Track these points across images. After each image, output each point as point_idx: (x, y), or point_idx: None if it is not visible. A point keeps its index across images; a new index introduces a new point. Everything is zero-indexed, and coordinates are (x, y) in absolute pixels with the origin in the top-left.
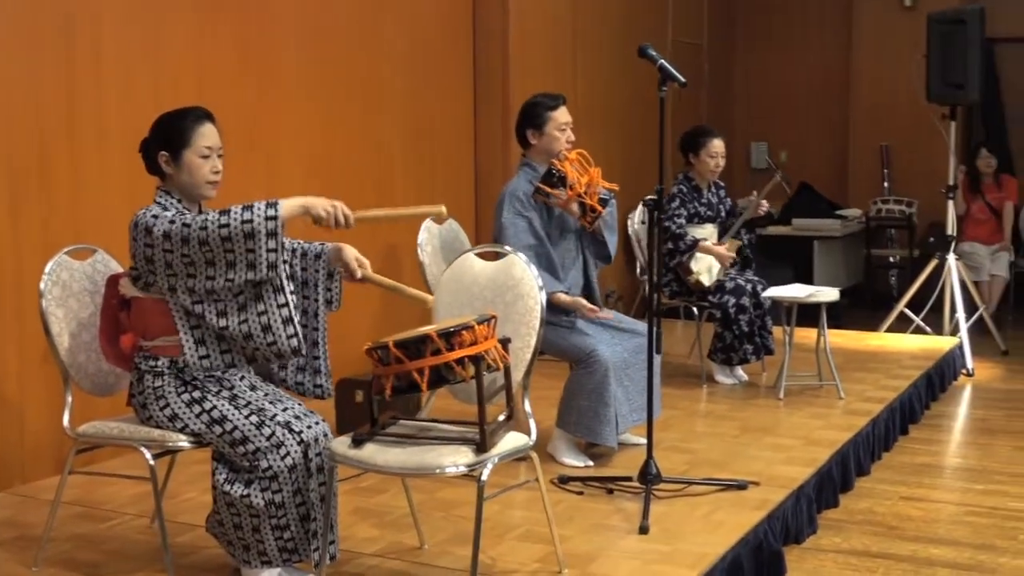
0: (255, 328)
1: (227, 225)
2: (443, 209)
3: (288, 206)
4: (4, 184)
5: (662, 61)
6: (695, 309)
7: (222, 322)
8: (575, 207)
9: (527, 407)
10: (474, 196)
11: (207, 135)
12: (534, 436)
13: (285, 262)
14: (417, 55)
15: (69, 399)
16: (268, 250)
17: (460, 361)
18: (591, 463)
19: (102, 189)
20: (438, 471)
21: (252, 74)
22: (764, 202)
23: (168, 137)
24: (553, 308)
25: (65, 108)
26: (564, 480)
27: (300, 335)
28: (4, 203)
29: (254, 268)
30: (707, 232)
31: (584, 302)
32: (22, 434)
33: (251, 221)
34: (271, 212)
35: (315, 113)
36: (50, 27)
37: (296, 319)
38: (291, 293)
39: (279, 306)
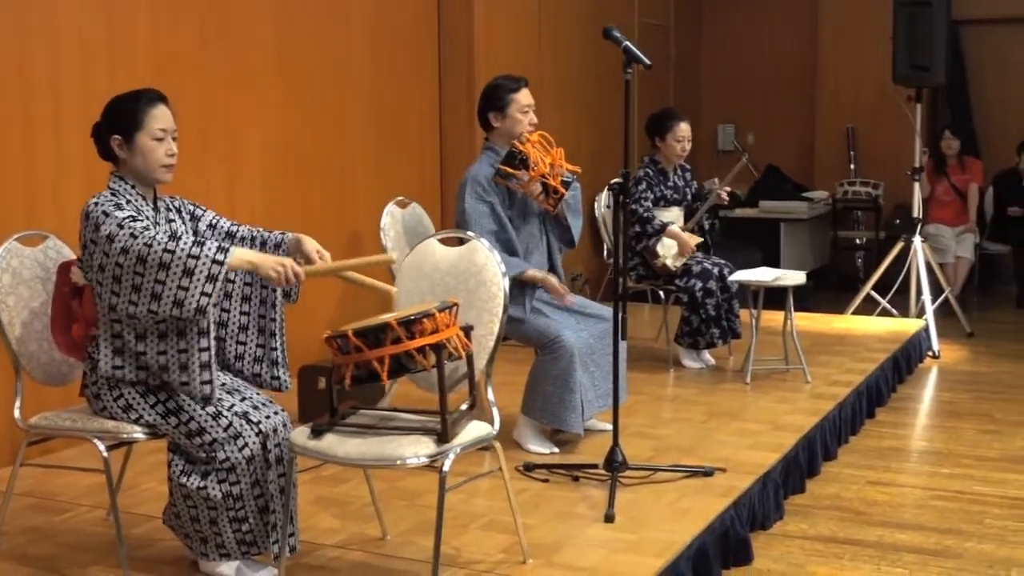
0: (172, 363)
1: (172, 252)
2: (394, 256)
3: (238, 257)
4: None
5: (627, 43)
6: (662, 293)
7: (140, 347)
8: (537, 188)
9: (490, 395)
10: (439, 180)
11: (160, 117)
12: (497, 425)
13: (229, 288)
14: (381, 37)
15: (20, 390)
16: (202, 293)
17: (421, 350)
18: (557, 450)
19: (58, 174)
20: (399, 462)
21: (213, 56)
22: (725, 191)
23: (120, 120)
24: (516, 296)
25: (17, 90)
26: (529, 467)
27: (215, 383)
28: None
29: (181, 306)
30: (673, 215)
31: (554, 281)
32: None
33: (197, 257)
34: (219, 257)
35: (277, 97)
36: (2, 5)
37: (215, 366)
38: (215, 339)
39: (200, 349)
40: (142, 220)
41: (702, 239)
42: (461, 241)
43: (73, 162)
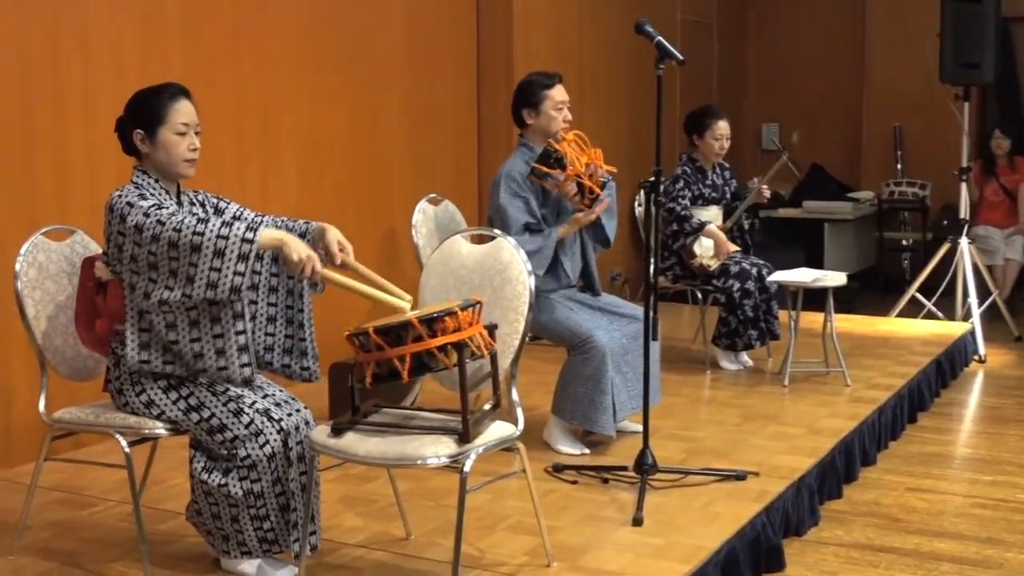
0: (208, 349)
1: (202, 234)
2: (408, 301)
3: (267, 236)
4: None
5: (659, 38)
6: (699, 293)
7: (171, 335)
8: (572, 188)
9: (514, 395)
10: (476, 177)
11: (183, 111)
12: (521, 426)
13: (256, 279)
14: (419, 34)
15: (45, 384)
16: (235, 273)
17: (443, 348)
18: (587, 451)
19: (89, 169)
20: (419, 462)
21: (247, 51)
22: (765, 187)
23: (143, 114)
24: (552, 288)
25: (50, 84)
26: (558, 469)
27: (255, 365)
28: None
29: (215, 288)
30: (711, 214)
31: (580, 213)
32: (9, 417)
33: (227, 238)
34: (249, 236)
35: (312, 93)
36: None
37: (254, 348)
38: (250, 320)
39: (237, 333)
40: (167, 207)
41: (739, 248)
42: (489, 238)
43: (104, 157)
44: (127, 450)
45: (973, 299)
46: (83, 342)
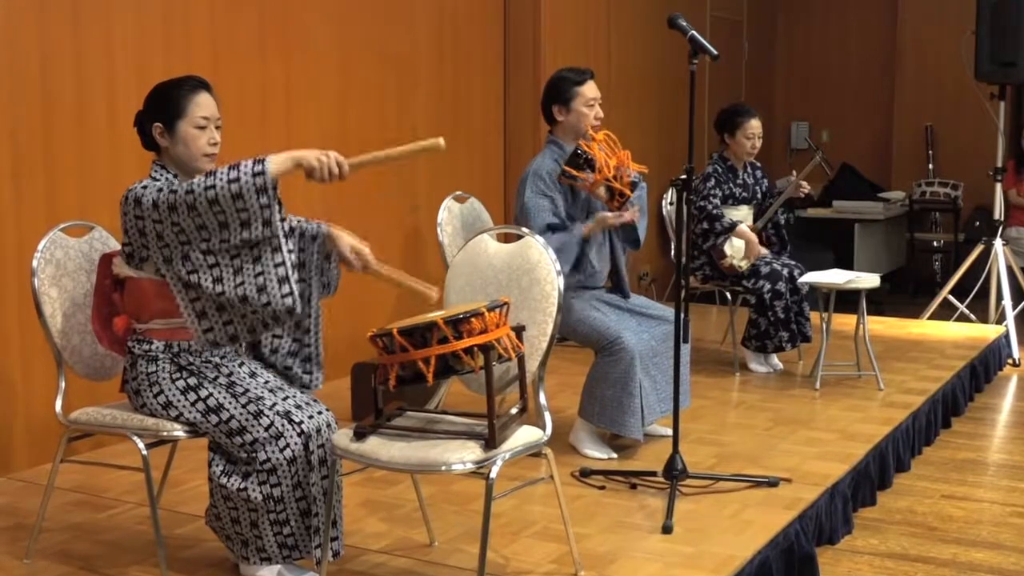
0: (251, 290)
1: (213, 187)
2: (440, 142)
3: (277, 161)
4: (7, 159)
5: (693, 32)
6: (728, 294)
7: (219, 288)
8: (602, 191)
9: (542, 399)
10: (503, 175)
11: (203, 105)
12: (548, 431)
13: (283, 219)
14: (446, 30)
15: (62, 384)
16: (261, 206)
17: (469, 350)
18: (615, 455)
19: (113, 167)
20: (444, 468)
21: (273, 48)
22: (804, 183)
23: (162, 107)
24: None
25: (73, 83)
26: (585, 473)
27: (296, 294)
28: (7, 178)
29: (248, 227)
30: (742, 214)
31: (607, 214)
32: (28, 416)
33: (238, 180)
34: (258, 168)
35: (338, 90)
36: None
37: (294, 277)
38: (289, 252)
39: (275, 265)
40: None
41: (767, 252)
42: (516, 237)
43: (127, 153)
44: (144, 452)
45: (1007, 301)
46: (101, 341)
